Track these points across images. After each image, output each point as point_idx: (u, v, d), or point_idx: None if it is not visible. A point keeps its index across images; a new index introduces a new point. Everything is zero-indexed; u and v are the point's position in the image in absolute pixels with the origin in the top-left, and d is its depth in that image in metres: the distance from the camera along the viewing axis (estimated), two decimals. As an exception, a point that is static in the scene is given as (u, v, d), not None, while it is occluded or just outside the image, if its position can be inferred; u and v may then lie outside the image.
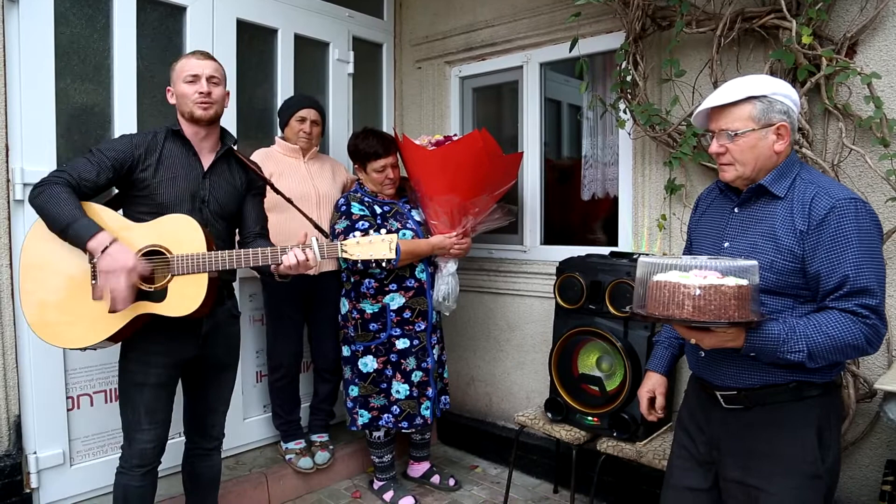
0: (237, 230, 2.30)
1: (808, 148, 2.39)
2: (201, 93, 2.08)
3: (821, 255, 1.48)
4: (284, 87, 3.29)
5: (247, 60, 3.16)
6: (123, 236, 1.97)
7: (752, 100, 1.54)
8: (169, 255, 1.98)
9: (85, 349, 2.03)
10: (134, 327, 2.00)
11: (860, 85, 2.29)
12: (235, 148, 2.25)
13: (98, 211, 2.01)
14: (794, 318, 1.50)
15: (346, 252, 2.07)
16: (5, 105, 2.38)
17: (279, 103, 3.17)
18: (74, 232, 1.89)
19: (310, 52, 3.47)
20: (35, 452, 2.49)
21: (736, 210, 1.66)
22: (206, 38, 2.94)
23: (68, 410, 2.59)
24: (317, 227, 2.34)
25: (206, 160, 2.17)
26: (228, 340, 2.29)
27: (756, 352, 1.48)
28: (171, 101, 2.16)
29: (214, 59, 2.17)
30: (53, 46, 2.50)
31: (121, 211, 2.11)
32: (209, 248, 2.00)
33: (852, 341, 1.45)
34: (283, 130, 3.07)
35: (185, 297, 1.98)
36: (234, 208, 2.24)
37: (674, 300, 1.39)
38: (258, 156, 2.97)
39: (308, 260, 2.04)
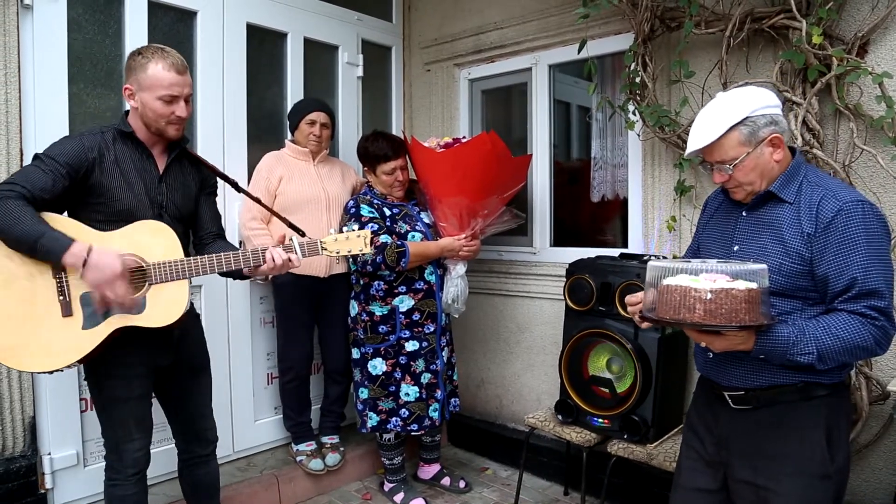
0: (191, 231, 2.18)
1: (819, 148, 2.37)
2: (180, 117, 1.93)
3: (829, 257, 1.48)
4: (294, 91, 3.31)
5: (257, 64, 3.18)
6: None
7: (735, 127, 1.53)
8: (145, 264, 1.87)
9: (51, 372, 1.85)
10: (105, 344, 1.88)
11: (871, 84, 2.27)
12: (189, 148, 2.14)
13: (61, 221, 1.84)
14: (803, 321, 1.50)
15: (325, 249, 2.10)
16: (20, 110, 2.41)
17: (289, 106, 3.19)
18: (44, 247, 1.72)
19: (319, 56, 3.48)
20: (49, 453, 2.52)
21: (744, 214, 1.66)
22: (216, 43, 2.97)
23: (81, 412, 2.62)
24: (291, 225, 2.25)
25: (161, 163, 2.03)
26: (197, 341, 2.23)
27: (766, 354, 1.49)
28: (132, 103, 1.93)
29: (188, 71, 1.97)
30: (67, 52, 2.53)
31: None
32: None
33: (861, 343, 1.45)
34: (293, 133, 3.09)
35: (167, 305, 1.89)
36: (191, 210, 2.14)
37: (685, 304, 1.39)
38: (268, 159, 3.00)
39: (291, 261, 2.04)
